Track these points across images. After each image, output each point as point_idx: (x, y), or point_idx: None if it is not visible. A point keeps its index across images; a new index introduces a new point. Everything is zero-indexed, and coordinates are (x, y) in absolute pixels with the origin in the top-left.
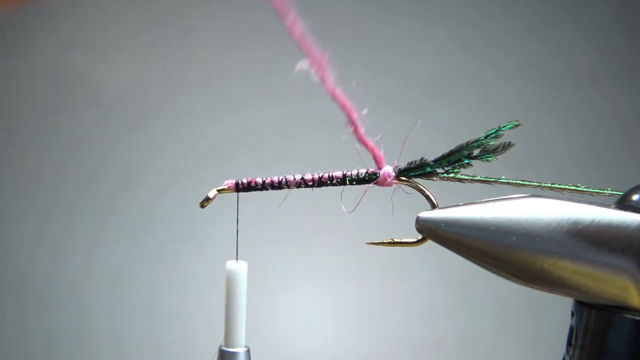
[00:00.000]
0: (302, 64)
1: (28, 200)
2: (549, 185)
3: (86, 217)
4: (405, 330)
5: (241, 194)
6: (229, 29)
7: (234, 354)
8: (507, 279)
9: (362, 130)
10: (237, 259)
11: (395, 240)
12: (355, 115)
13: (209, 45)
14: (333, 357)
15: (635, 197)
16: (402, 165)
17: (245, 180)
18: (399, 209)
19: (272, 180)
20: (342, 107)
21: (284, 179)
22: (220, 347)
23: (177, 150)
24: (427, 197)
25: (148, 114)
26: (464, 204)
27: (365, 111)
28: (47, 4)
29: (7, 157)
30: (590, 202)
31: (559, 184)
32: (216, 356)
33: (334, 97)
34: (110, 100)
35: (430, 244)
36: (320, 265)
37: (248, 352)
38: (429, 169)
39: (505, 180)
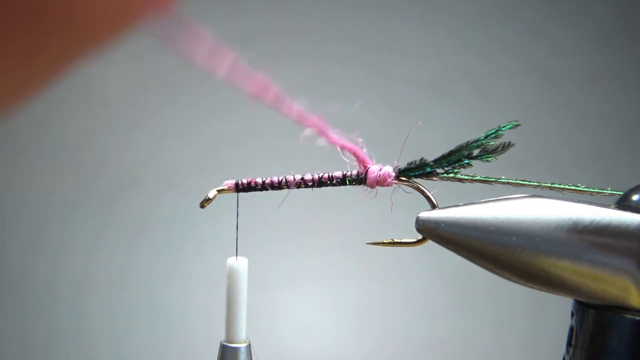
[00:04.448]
0: (306, 133)
1: (27, 200)
2: (549, 185)
3: (86, 218)
4: (405, 330)
5: (241, 194)
6: (229, 28)
7: (235, 349)
8: (507, 279)
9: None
10: (236, 255)
11: (395, 240)
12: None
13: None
14: (333, 356)
15: (635, 197)
16: (402, 165)
17: (245, 181)
18: (399, 209)
19: (272, 181)
20: (352, 151)
21: (283, 179)
22: (221, 342)
23: (177, 151)
24: (427, 197)
25: (148, 114)
26: (464, 204)
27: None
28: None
29: (7, 157)
30: (590, 202)
31: (559, 184)
32: (218, 352)
33: (343, 148)
34: (110, 100)
35: (430, 244)
36: (320, 265)
37: (249, 346)
38: (429, 169)
39: (505, 180)
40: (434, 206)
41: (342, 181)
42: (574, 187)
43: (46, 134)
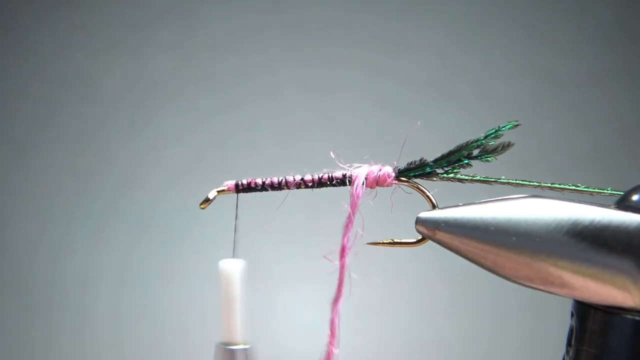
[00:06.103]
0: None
1: (28, 200)
2: (549, 185)
3: (86, 217)
4: (405, 330)
5: (241, 194)
6: (229, 28)
7: (231, 351)
8: (507, 279)
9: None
10: (233, 257)
11: (395, 240)
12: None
13: (209, 45)
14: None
15: (635, 197)
16: (402, 165)
17: (245, 181)
18: (399, 209)
19: (271, 181)
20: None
21: (283, 180)
22: (216, 343)
23: (177, 150)
24: (427, 197)
25: (148, 114)
26: (464, 205)
27: None
28: (46, 3)
29: (7, 157)
30: (590, 203)
31: (559, 184)
32: (214, 353)
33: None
34: (110, 100)
35: (430, 243)
36: (320, 265)
37: (245, 350)
38: (428, 169)
39: (505, 180)
40: (433, 206)
41: (342, 182)
42: (574, 187)
43: (46, 134)
